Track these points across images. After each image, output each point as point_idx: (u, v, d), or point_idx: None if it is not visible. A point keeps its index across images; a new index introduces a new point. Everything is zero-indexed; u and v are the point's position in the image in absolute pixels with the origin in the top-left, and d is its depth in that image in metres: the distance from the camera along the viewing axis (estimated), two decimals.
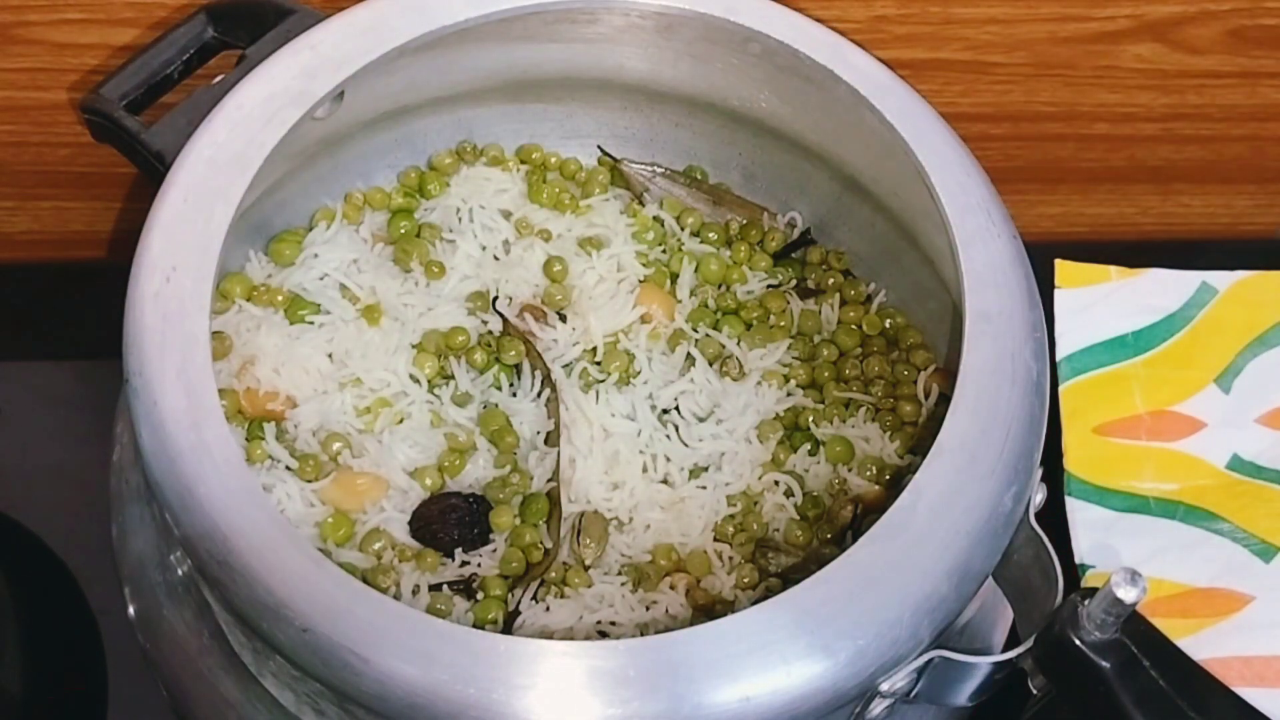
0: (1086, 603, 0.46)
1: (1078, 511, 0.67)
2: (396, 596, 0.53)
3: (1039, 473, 0.51)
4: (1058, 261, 0.73)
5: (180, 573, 0.56)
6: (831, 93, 0.58)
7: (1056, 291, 0.72)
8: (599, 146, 0.68)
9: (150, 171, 0.56)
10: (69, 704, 0.68)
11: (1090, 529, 0.66)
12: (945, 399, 0.59)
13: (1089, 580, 0.65)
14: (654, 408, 0.60)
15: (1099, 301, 0.72)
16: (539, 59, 0.63)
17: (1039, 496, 0.51)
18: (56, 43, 0.70)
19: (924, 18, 0.72)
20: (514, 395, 0.60)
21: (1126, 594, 0.44)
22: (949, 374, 0.59)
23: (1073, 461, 0.68)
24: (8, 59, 0.71)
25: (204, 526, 0.46)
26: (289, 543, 0.46)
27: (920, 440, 0.59)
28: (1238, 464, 0.68)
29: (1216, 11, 0.72)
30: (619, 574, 0.56)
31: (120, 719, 0.68)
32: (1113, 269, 0.73)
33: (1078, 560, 0.65)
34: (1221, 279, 0.73)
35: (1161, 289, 0.73)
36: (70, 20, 0.69)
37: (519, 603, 0.54)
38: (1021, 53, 0.74)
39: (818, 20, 0.59)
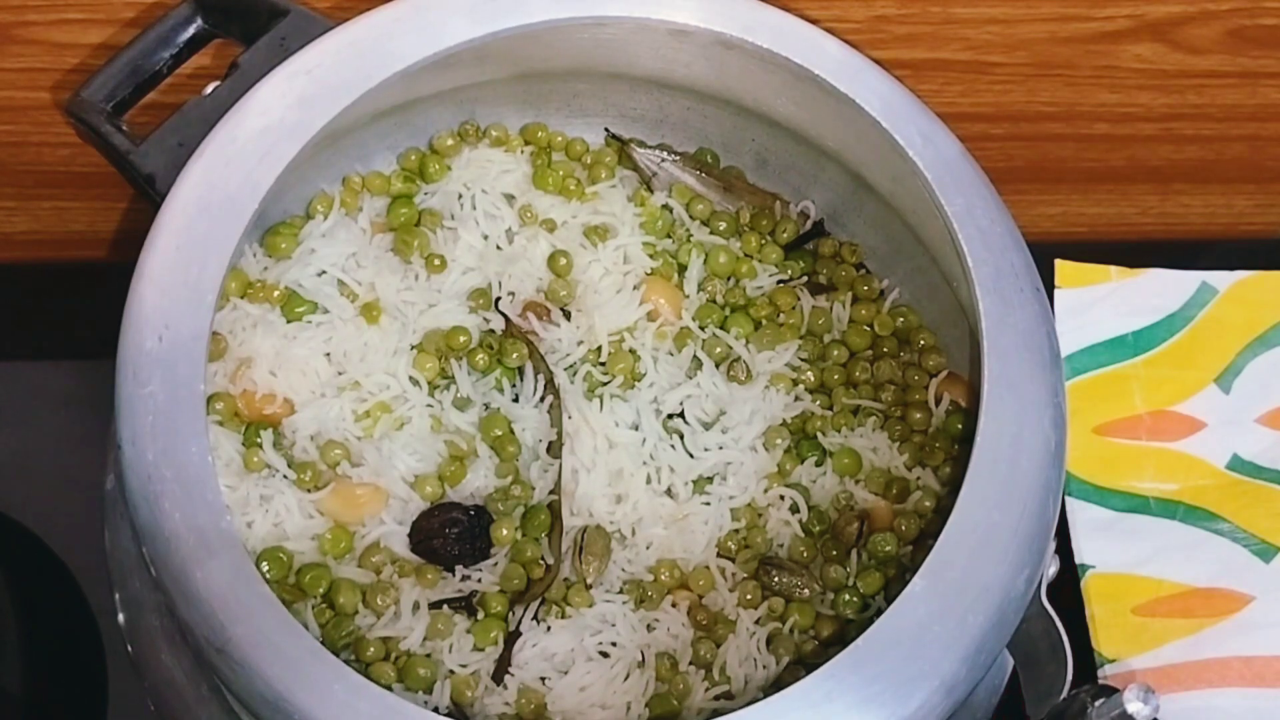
0: (1096, 704, 0.45)
1: (1078, 511, 0.67)
2: (396, 615, 0.53)
3: (1052, 546, 0.51)
4: (1058, 261, 0.73)
5: None
6: (849, 107, 0.57)
7: (1056, 291, 0.72)
8: (606, 129, 0.67)
9: (139, 189, 0.55)
10: (69, 704, 0.68)
11: (1090, 529, 0.66)
12: (956, 406, 0.58)
13: (1089, 581, 0.65)
14: (659, 413, 0.59)
15: (1099, 301, 0.72)
16: (548, 56, 0.62)
17: (1052, 569, 0.51)
18: (56, 43, 0.70)
19: (924, 18, 0.72)
20: (515, 400, 0.59)
21: (1138, 711, 0.44)
22: (960, 379, 0.59)
23: (1073, 461, 0.68)
24: (8, 59, 0.71)
25: (201, 613, 0.46)
26: (287, 632, 0.46)
27: (928, 451, 0.58)
28: (1238, 464, 0.68)
29: (1216, 11, 0.72)
30: (620, 591, 0.55)
31: (120, 719, 0.68)
32: (1113, 269, 0.73)
33: (1078, 560, 0.65)
34: (1221, 279, 0.73)
35: (1161, 289, 0.73)
36: (70, 20, 0.69)
37: (519, 623, 0.54)
38: (1021, 53, 0.74)
39: (817, 21, 0.59)
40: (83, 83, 0.59)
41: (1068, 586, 0.64)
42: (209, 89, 0.56)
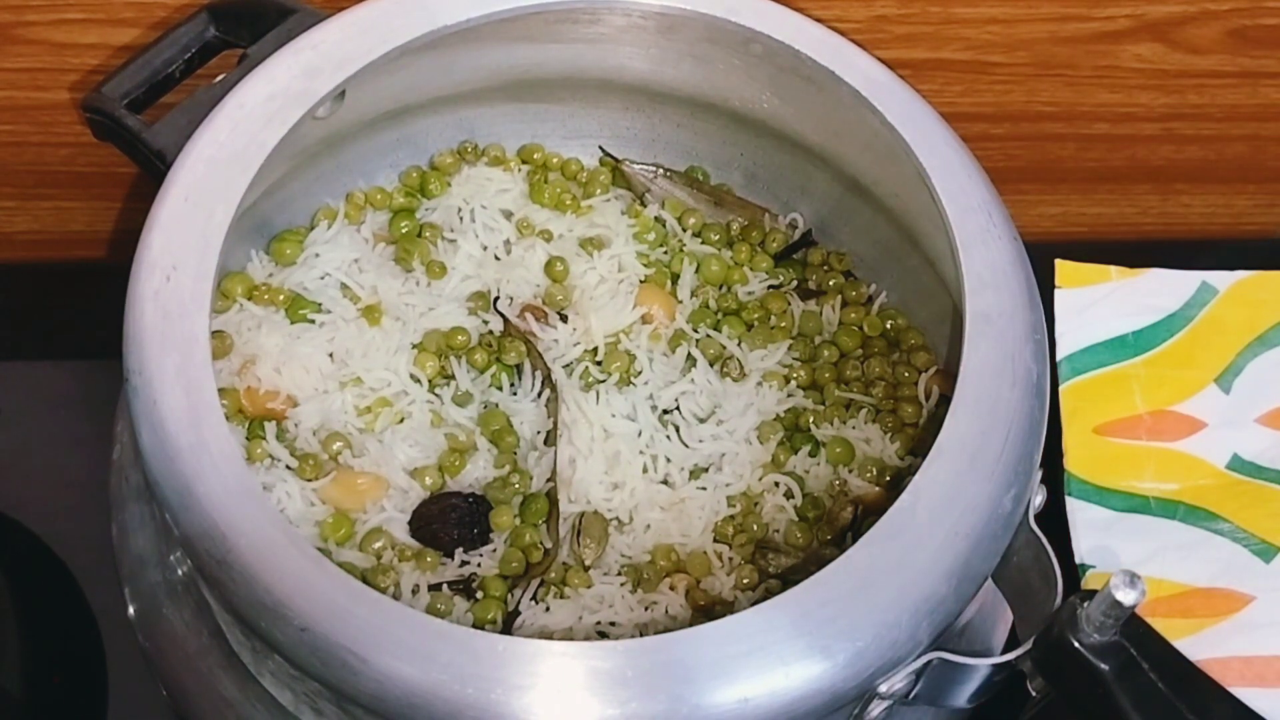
0: (1086, 605, 0.46)
1: (1078, 511, 0.67)
2: (396, 596, 0.53)
3: (1039, 474, 0.51)
4: (1058, 261, 0.73)
5: (180, 572, 0.56)
6: (833, 94, 0.58)
7: (1056, 291, 0.72)
8: (600, 147, 0.68)
9: (151, 170, 0.56)
10: (69, 704, 0.68)
11: (1090, 529, 0.66)
12: (946, 400, 0.59)
13: (1089, 581, 0.65)
14: (654, 408, 0.60)
15: (1099, 301, 0.72)
16: (540, 59, 0.63)
17: (1039, 498, 0.51)
18: (56, 43, 0.70)
19: (924, 18, 0.72)
20: (514, 395, 0.60)
21: (1125, 596, 0.44)
22: (950, 376, 0.59)
23: (1073, 461, 0.68)
24: (8, 59, 0.71)
25: (203, 525, 0.46)
26: (288, 542, 0.46)
27: (921, 442, 0.59)
28: (1238, 464, 0.68)
29: (1217, 11, 0.72)
30: (619, 574, 0.56)
31: (120, 719, 0.68)
32: (1113, 269, 0.73)
33: (1078, 560, 0.65)
34: (1221, 279, 0.73)
35: (1161, 289, 0.73)
36: (70, 20, 0.69)
37: (519, 603, 0.54)
38: (1022, 53, 0.74)
39: (818, 20, 0.59)
40: (99, 81, 0.59)
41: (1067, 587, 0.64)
42: (219, 78, 0.57)
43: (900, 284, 0.64)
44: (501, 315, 0.61)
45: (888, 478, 0.58)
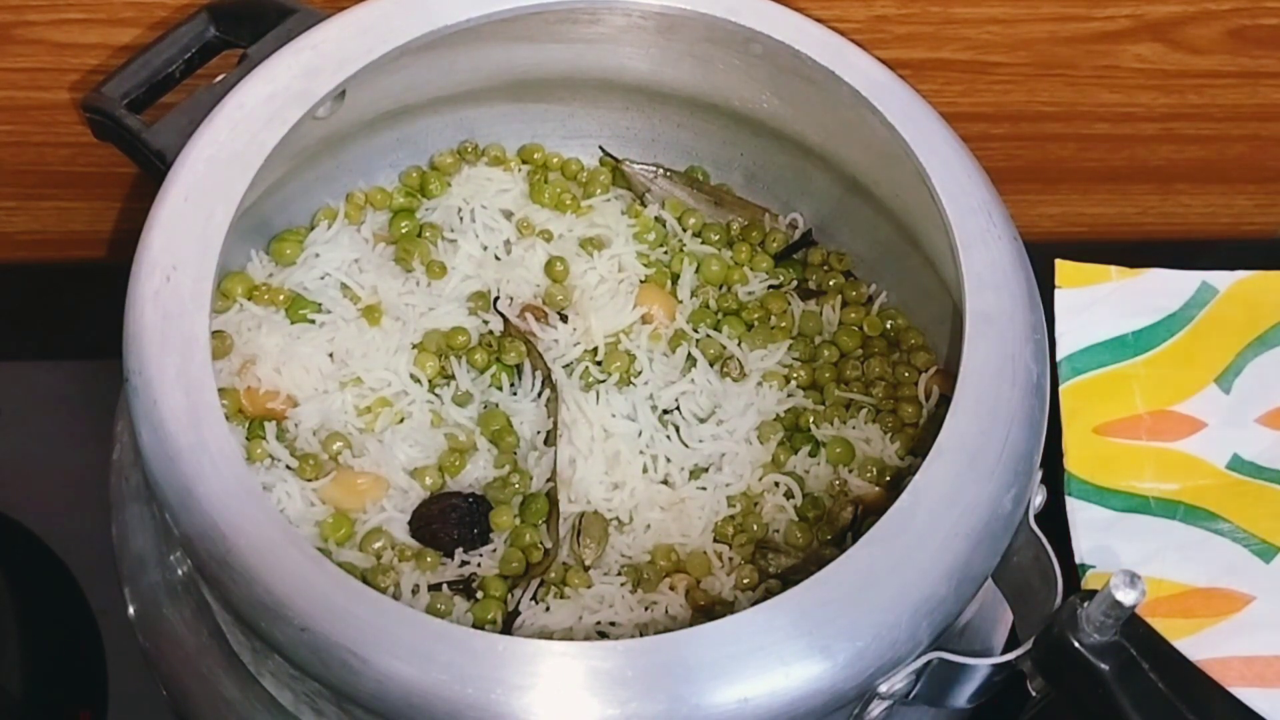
0: (1085, 605, 0.46)
1: (1078, 512, 0.67)
2: (396, 596, 0.53)
3: (1039, 474, 0.51)
4: (1058, 261, 0.73)
5: (180, 572, 0.56)
6: (833, 94, 0.58)
7: (1057, 291, 0.72)
8: (600, 147, 0.68)
9: (151, 170, 0.56)
10: (69, 704, 0.68)
11: (1090, 529, 0.66)
12: (946, 400, 0.59)
13: (1089, 581, 0.65)
14: (654, 408, 0.60)
15: (1099, 301, 0.72)
16: (540, 59, 0.63)
17: (1039, 498, 0.51)
18: (57, 43, 0.70)
19: (924, 18, 0.72)
20: (514, 395, 0.60)
21: (1125, 596, 0.44)
22: (950, 376, 0.59)
23: (1073, 461, 0.68)
24: (8, 59, 0.71)
25: (203, 525, 0.46)
26: (288, 542, 0.46)
27: (921, 442, 0.59)
28: (1238, 464, 0.68)
29: (1217, 11, 0.72)
30: (619, 574, 0.56)
31: (120, 719, 0.68)
32: (1113, 269, 0.73)
33: (1078, 560, 0.65)
34: (1221, 279, 0.73)
35: (1162, 289, 0.73)
36: (71, 20, 0.69)
37: (519, 603, 0.54)
38: (1022, 53, 0.74)
39: (818, 20, 0.59)
40: (99, 81, 0.60)
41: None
42: (219, 78, 0.57)
43: (900, 284, 0.64)
44: (501, 315, 0.61)
45: (888, 478, 0.58)
